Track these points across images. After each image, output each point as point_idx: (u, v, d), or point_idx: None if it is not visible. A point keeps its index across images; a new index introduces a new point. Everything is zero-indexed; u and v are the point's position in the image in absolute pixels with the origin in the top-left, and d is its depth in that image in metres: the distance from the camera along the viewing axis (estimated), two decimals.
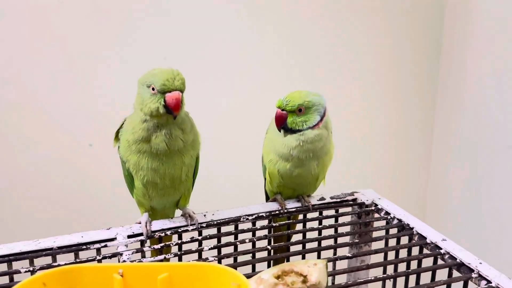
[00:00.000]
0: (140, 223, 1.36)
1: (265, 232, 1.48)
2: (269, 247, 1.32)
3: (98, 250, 1.27)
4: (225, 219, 1.40)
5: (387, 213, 1.48)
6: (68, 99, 2.01)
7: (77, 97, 2.01)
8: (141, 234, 1.33)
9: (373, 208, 1.52)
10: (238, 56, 2.18)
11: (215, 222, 1.39)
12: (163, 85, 1.20)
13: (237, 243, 1.33)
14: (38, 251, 1.24)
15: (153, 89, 1.22)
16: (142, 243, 1.33)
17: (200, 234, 1.39)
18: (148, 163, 1.27)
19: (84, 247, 1.27)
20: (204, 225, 1.38)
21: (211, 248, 1.30)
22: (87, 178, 2.08)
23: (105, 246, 1.28)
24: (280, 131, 1.42)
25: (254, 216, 1.43)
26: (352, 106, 2.40)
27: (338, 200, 1.54)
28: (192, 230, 1.37)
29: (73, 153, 2.05)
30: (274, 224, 1.43)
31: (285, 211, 1.46)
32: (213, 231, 1.40)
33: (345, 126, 2.38)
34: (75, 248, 1.27)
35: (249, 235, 1.40)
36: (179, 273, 0.98)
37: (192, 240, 1.34)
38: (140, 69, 1.30)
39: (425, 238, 1.34)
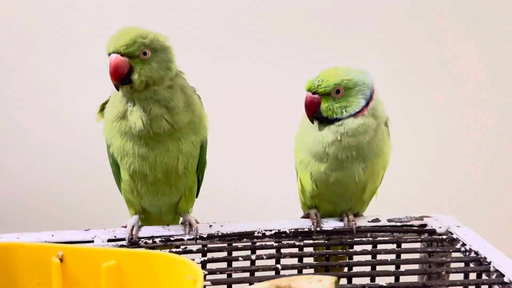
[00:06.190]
0: (126, 226, 1.46)
1: (293, 261, 1.43)
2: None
3: None
4: (234, 232, 1.47)
5: (464, 244, 1.45)
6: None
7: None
8: (124, 239, 1.43)
9: (445, 237, 1.49)
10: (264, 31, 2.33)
11: (220, 234, 1.45)
12: (107, 48, 1.32)
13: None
14: None
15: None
16: None
17: (204, 248, 1.44)
18: (134, 147, 1.37)
19: None
20: (204, 235, 1.44)
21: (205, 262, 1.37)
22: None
23: None
24: (313, 122, 1.44)
25: (273, 232, 1.47)
26: (426, 98, 2.41)
27: (399, 224, 1.54)
28: (189, 240, 1.44)
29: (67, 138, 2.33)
30: (305, 252, 1.44)
31: (317, 229, 1.48)
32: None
33: (418, 124, 2.40)
34: None
35: (264, 260, 1.41)
36: (127, 261, 1.04)
37: (184, 251, 1.40)
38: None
39: (503, 276, 1.30)
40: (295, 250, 1.47)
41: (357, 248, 1.50)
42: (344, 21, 2.33)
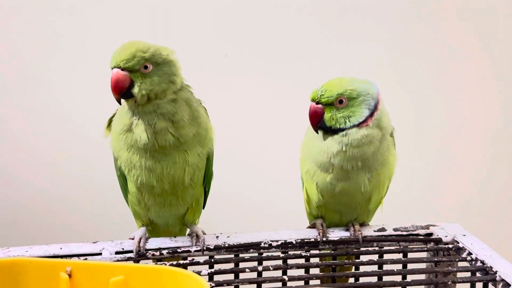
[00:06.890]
0: (133, 238, 1.48)
1: (300, 272, 1.46)
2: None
3: None
4: (241, 243, 1.48)
5: (470, 253, 1.46)
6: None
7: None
8: (132, 252, 1.45)
9: (451, 246, 1.50)
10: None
11: (226, 245, 1.47)
12: (110, 63, 1.35)
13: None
14: None
15: None
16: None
17: (211, 259, 1.47)
18: (141, 160, 1.40)
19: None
20: (211, 246, 1.47)
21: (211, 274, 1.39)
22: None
23: None
24: (317, 132, 1.47)
25: (279, 242, 1.48)
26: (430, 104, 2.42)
27: (405, 233, 1.55)
28: (196, 252, 1.46)
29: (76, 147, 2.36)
30: (312, 262, 1.47)
31: (324, 239, 1.49)
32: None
33: (423, 133, 2.41)
34: None
35: (271, 271, 1.42)
36: (134, 276, 1.06)
37: (191, 262, 1.43)
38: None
39: (509, 286, 1.30)
40: (302, 260, 1.50)
41: (363, 258, 1.52)
42: (352, 29, 2.35)
